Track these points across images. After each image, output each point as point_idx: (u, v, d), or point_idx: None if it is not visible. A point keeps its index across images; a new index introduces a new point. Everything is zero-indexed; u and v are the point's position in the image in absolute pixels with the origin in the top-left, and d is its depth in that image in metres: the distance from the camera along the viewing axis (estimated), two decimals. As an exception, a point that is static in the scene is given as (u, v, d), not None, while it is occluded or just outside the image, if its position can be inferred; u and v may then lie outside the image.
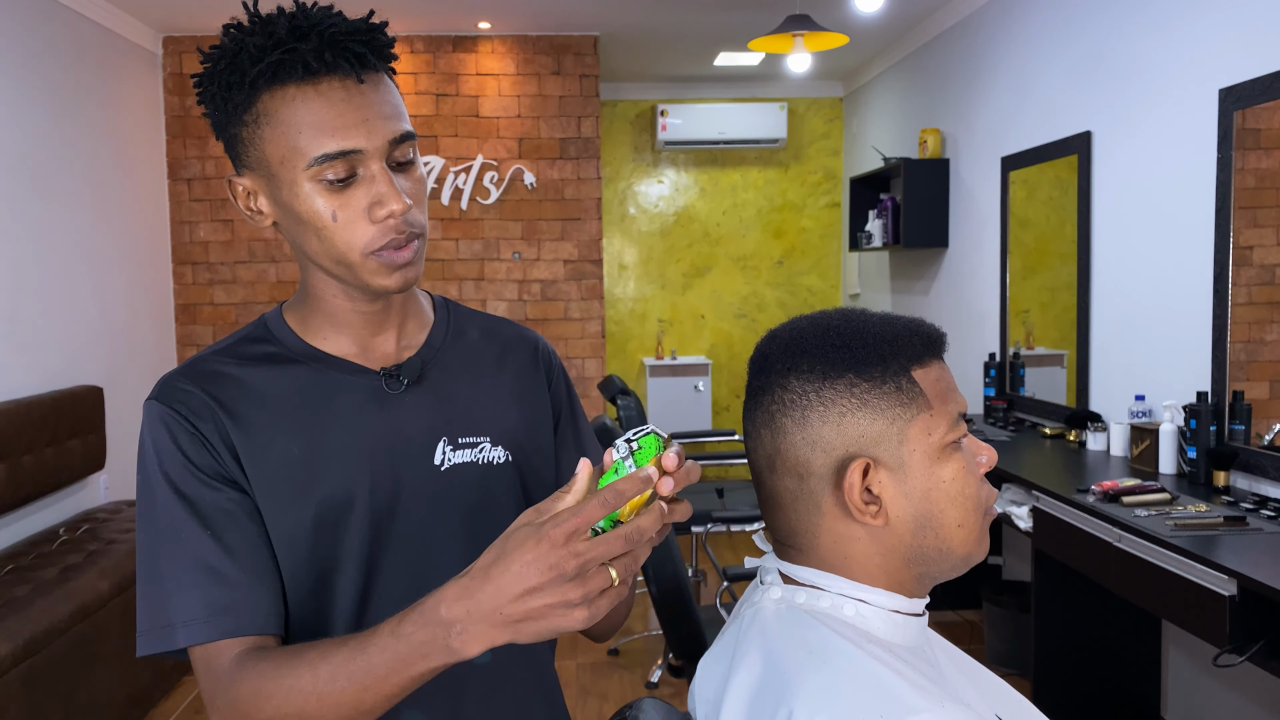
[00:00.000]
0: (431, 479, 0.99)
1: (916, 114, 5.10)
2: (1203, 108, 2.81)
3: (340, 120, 0.89)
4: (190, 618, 0.88)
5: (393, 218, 0.91)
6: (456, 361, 1.06)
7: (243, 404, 0.95)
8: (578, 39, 5.05)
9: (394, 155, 0.92)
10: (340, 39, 0.89)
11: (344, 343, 1.01)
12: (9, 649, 2.50)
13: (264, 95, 0.90)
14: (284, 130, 0.90)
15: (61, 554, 3.23)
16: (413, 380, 1.01)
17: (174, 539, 0.90)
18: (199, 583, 0.89)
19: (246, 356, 0.99)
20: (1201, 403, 2.68)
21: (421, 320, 1.06)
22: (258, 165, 0.94)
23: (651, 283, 6.41)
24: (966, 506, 0.85)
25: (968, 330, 4.46)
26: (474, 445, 1.02)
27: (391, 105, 0.93)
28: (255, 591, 0.90)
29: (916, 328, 0.86)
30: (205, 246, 4.99)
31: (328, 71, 0.89)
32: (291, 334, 1.01)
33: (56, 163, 3.92)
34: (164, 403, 0.94)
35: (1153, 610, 2.28)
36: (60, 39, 3.99)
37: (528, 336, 1.14)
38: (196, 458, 0.92)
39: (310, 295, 1.01)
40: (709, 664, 0.92)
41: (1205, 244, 2.80)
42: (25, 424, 3.39)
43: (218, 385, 0.96)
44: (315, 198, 0.91)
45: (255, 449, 0.94)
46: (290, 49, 0.89)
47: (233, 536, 0.91)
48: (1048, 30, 3.72)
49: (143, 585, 0.91)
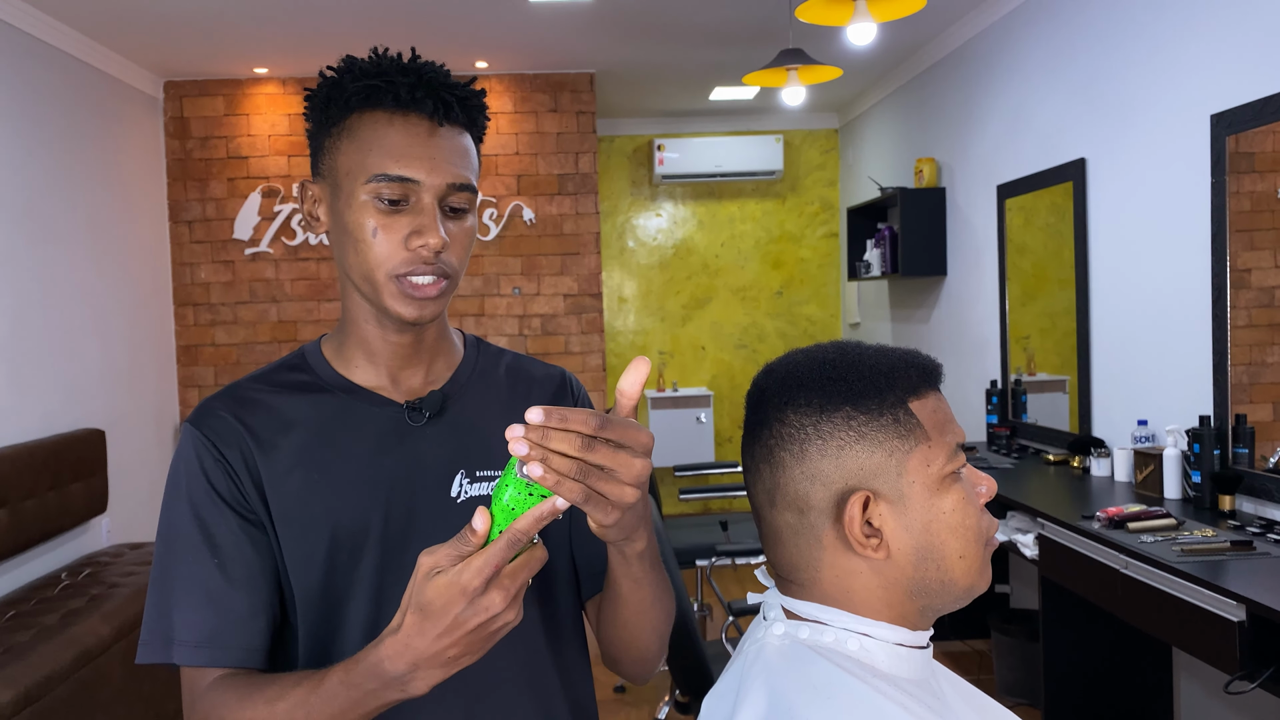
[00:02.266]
0: (447, 510, 1.02)
1: (912, 144, 5.14)
2: (1195, 133, 2.83)
3: (409, 150, 0.97)
4: (186, 639, 0.95)
5: (426, 249, 0.96)
6: (480, 397, 1.09)
7: (271, 431, 1.01)
8: (574, 76, 5.10)
9: (449, 200, 0.98)
10: (436, 85, 0.98)
11: (374, 373, 1.05)
12: (11, 695, 2.48)
13: (355, 114, 0.99)
14: (359, 146, 0.98)
15: (63, 599, 3.21)
16: (434, 413, 1.04)
17: (186, 560, 0.97)
18: (199, 608, 0.96)
19: (280, 384, 1.05)
20: (1204, 426, 2.67)
21: (451, 358, 1.10)
22: (329, 174, 1.01)
23: (651, 315, 6.42)
24: (968, 537, 0.84)
25: (968, 358, 4.47)
26: (491, 479, 1.04)
27: (461, 156, 0.99)
28: (248, 627, 0.97)
29: (912, 359, 0.87)
30: (206, 288, 5.02)
31: (415, 108, 0.97)
32: (325, 364, 1.06)
33: (59, 206, 3.95)
34: (197, 427, 1.01)
35: (1162, 637, 2.26)
36: (62, 85, 4.04)
37: (554, 373, 1.17)
38: (219, 484, 0.99)
39: (347, 323, 1.06)
40: (714, 701, 0.91)
41: (1202, 267, 2.81)
42: (27, 468, 3.39)
43: (250, 412, 1.02)
44: (365, 211, 0.97)
45: (278, 475, 1.00)
46: (389, 79, 0.97)
47: (238, 568, 0.97)
48: (1041, 59, 3.76)
49: (152, 596, 0.98)
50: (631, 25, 4.30)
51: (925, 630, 0.87)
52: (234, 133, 5.00)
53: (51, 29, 3.90)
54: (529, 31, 4.36)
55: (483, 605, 0.77)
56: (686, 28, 4.35)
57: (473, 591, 0.76)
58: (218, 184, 5.00)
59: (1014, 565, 4.02)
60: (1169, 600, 2.18)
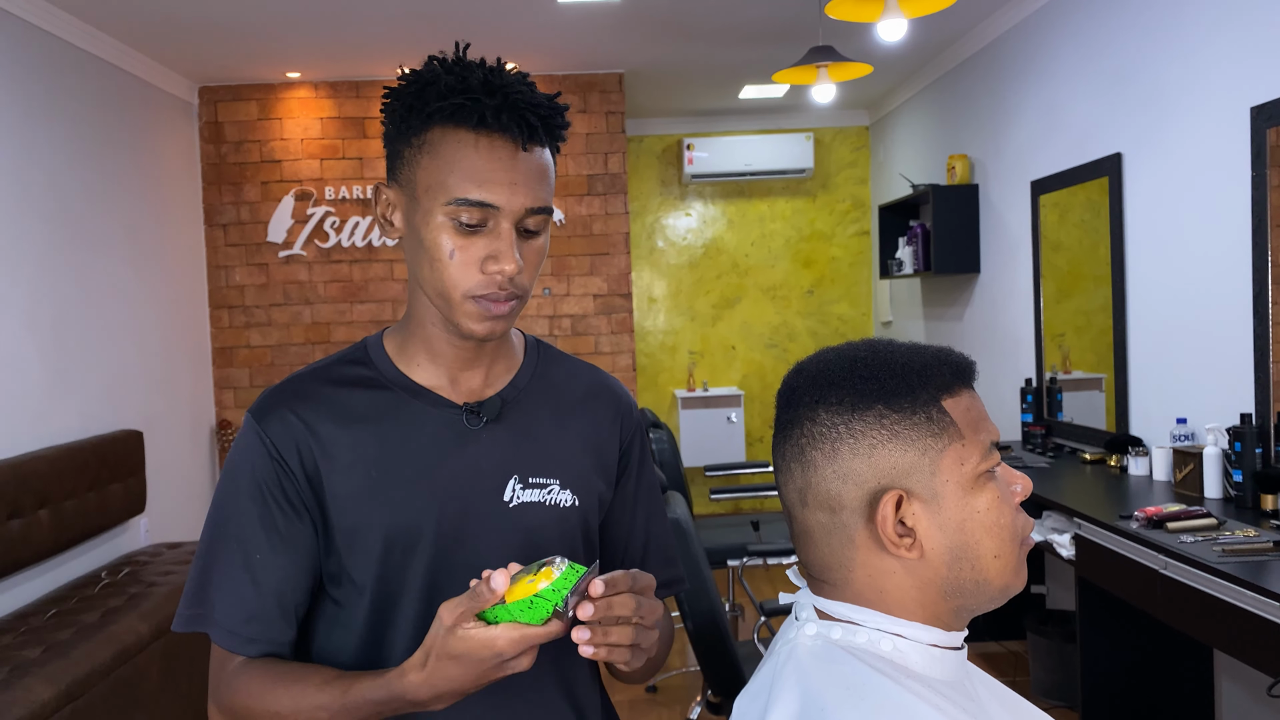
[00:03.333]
0: (499, 514, 1.04)
1: (944, 140, 5.10)
2: (1234, 126, 2.78)
3: (491, 175, 0.97)
4: (221, 621, 1.00)
5: (501, 275, 0.98)
6: (537, 403, 1.10)
7: (329, 427, 1.03)
8: (603, 77, 5.11)
9: (525, 222, 0.99)
10: (521, 107, 0.97)
11: (435, 373, 1.07)
12: (52, 693, 2.52)
13: (437, 128, 0.98)
14: (440, 165, 0.97)
15: (103, 597, 3.26)
16: (492, 418, 1.06)
17: (233, 544, 1.01)
18: (239, 594, 1.00)
19: (341, 379, 1.06)
20: (1245, 425, 2.62)
21: (511, 360, 1.12)
22: (406, 184, 1.01)
23: (681, 315, 6.41)
24: (1002, 537, 0.83)
25: (1003, 356, 4.42)
26: (543, 486, 1.07)
27: (540, 179, 1.00)
28: (280, 622, 1.01)
29: (945, 357, 0.85)
30: (241, 290, 5.08)
31: (500, 130, 0.97)
32: (387, 360, 1.08)
33: (96, 211, 4.01)
34: (257, 419, 1.03)
35: (1203, 639, 2.23)
36: (100, 91, 4.10)
37: (612, 389, 1.18)
38: (271, 479, 1.02)
39: (412, 320, 1.07)
40: (745, 701, 0.90)
41: (1243, 262, 2.76)
42: (68, 469, 3.45)
43: (310, 407, 1.04)
44: (443, 232, 0.98)
45: (335, 472, 1.02)
46: (475, 99, 0.96)
47: (278, 562, 1.01)
48: (1074, 53, 3.71)
49: (195, 571, 1.03)
50: (660, 25, 4.30)
51: (960, 631, 0.86)
52: (267, 137, 5.06)
53: (89, 36, 3.97)
54: (557, 32, 4.37)
55: (510, 666, 0.87)
56: (715, 26, 4.34)
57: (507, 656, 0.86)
58: (251, 188, 5.06)
59: (1050, 565, 3.98)
60: (1210, 602, 2.15)
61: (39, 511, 3.28)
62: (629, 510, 1.17)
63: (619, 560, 1.17)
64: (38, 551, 3.26)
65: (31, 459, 3.28)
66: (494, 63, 1.01)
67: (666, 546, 1.21)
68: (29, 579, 3.40)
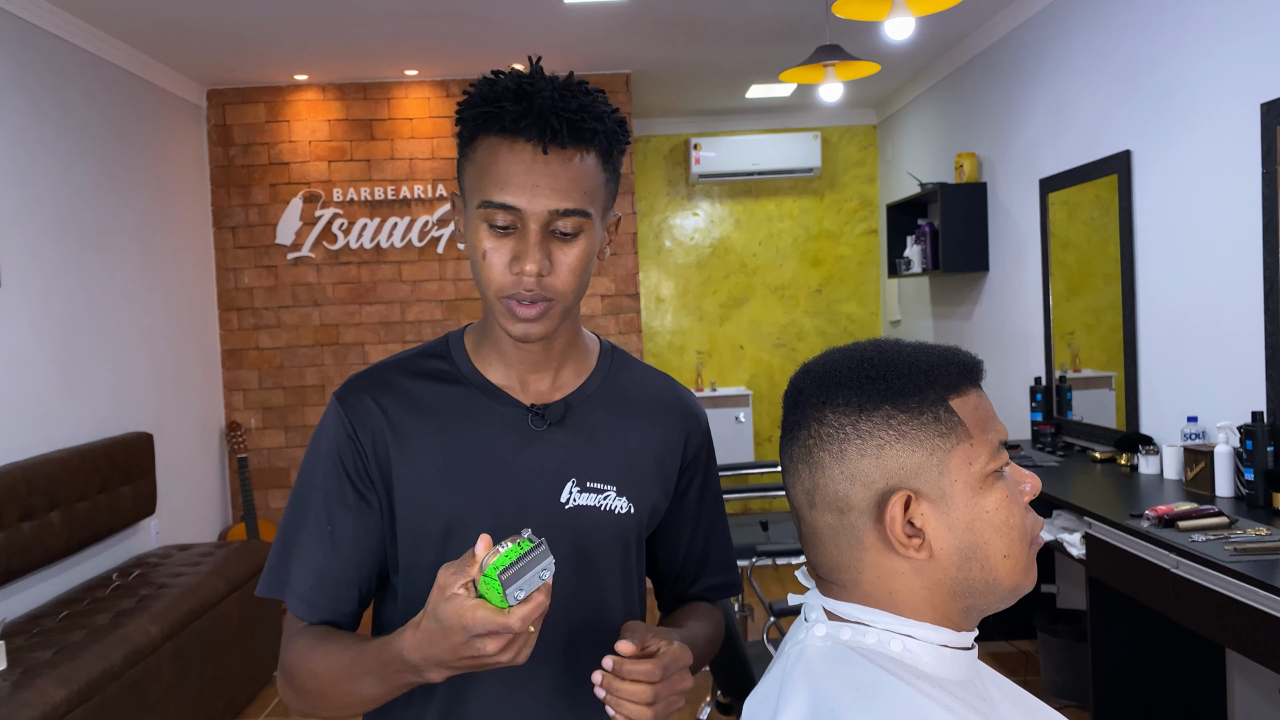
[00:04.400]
0: (554, 515, 1.08)
1: (952, 138, 5.08)
2: (1245, 123, 2.76)
3: (513, 179, 1.00)
4: (298, 590, 1.08)
5: (525, 275, 1.01)
6: (603, 409, 1.14)
7: (405, 416, 1.09)
8: (610, 76, 5.11)
9: (557, 224, 1.02)
10: (544, 111, 1.00)
11: (505, 373, 1.12)
12: (64, 694, 2.53)
13: (480, 137, 1.04)
14: (477, 170, 1.03)
15: (115, 599, 3.27)
16: (555, 421, 1.10)
17: (308, 522, 1.09)
18: (312, 563, 1.08)
19: (421, 371, 1.13)
20: (1257, 423, 2.61)
21: (581, 365, 1.15)
22: (462, 191, 1.08)
23: (689, 315, 6.41)
24: (1012, 536, 0.83)
25: (1012, 354, 4.40)
26: (600, 492, 1.10)
27: (568, 181, 1.01)
28: (342, 593, 1.09)
29: (952, 356, 0.85)
30: (250, 292, 5.09)
31: (522, 134, 1.00)
32: (465, 356, 1.13)
33: (106, 214, 4.03)
34: (340, 403, 1.10)
35: (1215, 638, 2.21)
36: (109, 95, 4.12)
37: (681, 400, 1.20)
38: (348, 460, 1.08)
39: (487, 323, 1.12)
40: (755, 702, 0.90)
41: (1254, 260, 2.75)
42: (79, 471, 3.46)
43: (388, 395, 1.10)
44: (479, 233, 1.03)
45: (405, 459, 1.08)
46: (500, 105, 1.01)
47: (346, 539, 1.08)
48: (1083, 50, 3.70)
49: (276, 540, 1.11)
50: (666, 24, 4.30)
51: (970, 631, 0.86)
52: (275, 139, 5.07)
53: (98, 41, 3.98)
54: (564, 32, 4.37)
55: (476, 646, 0.87)
56: (722, 26, 4.33)
57: (472, 632, 0.86)
58: (260, 190, 5.07)
59: (1060, 565, 3.96)
60: (1222, 601, 2.13)
61: (50, 513, 3.29)
62: (691, 519, 1.21)
63: (676, 565, 1.22)
64: (49, 553, 3.28)
65: (42, 461, 3.29)
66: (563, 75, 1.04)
67: (725, 554, 1.25)
68: (40, 581, 3.42)
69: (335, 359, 5.11)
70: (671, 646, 0.97)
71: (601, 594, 1.12)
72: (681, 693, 0.97)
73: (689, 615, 1.20)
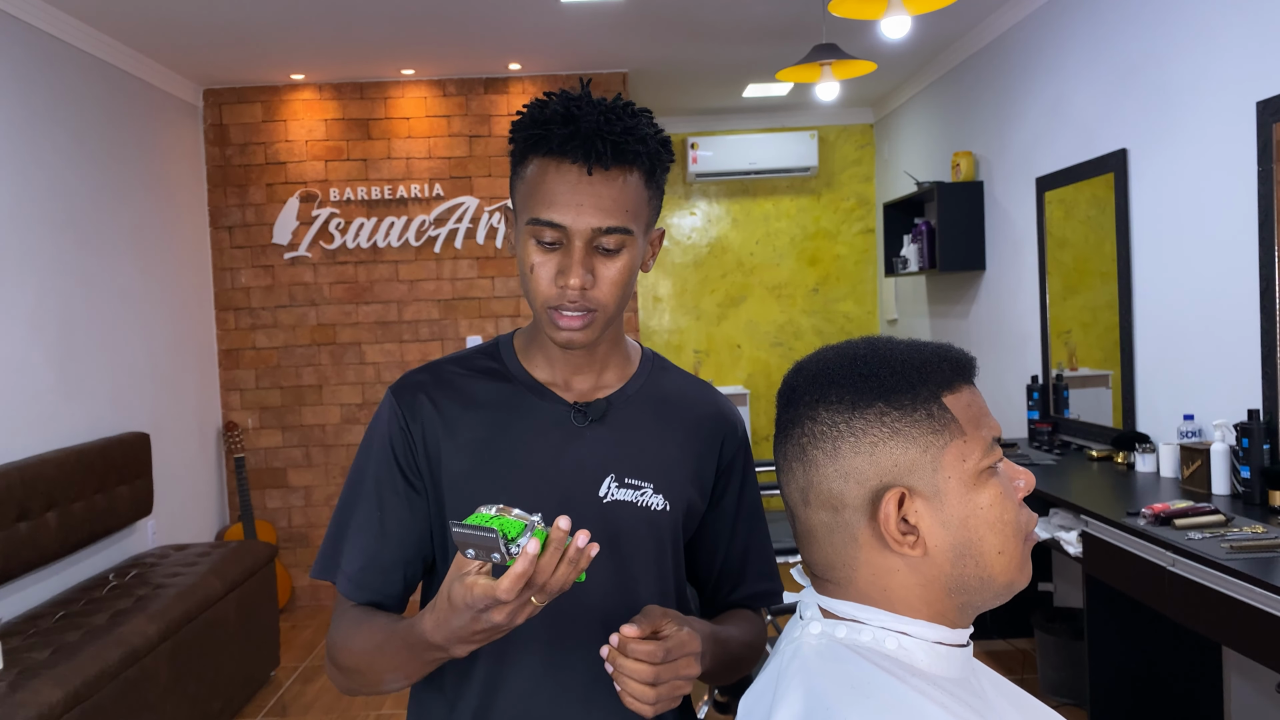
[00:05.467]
0: (593, 508, 1.13)
1: (948, 137, 5.09)
2: (1240, 121, 2.77)
3: (558, 198, 1.06)
4: (347, 571, 1.14)
5: (569, 289, 1.06)
6: (642, 411, 1.19)
7: (457, 410, 1.16)
8: (606, 76, 5.11)
9: (601, 241, 1.07)
10: (589, 135, 1.05)
11: (550, 373, 1.18)
12: (60, 695, 2.53)
13: (531, 157, 1.09)
14: (527, 188, 1.09)
15: (111, 599, 3.27)
16: (596, 418, 1.16)
17: (360, 508, 1.15)
18: (363, 545, 1.14)
19: (474, 368, 1.20)
20: (1253, 420, 2.61)
21: (623, 369, 1.21)
22: (514, 204, 1.14)
23: (687, 314, 6.41)
24: (1006, 533, 0.83)
25: (1009, 353, 4.41)
26: (638, 488, 1.15)
27: (611, 200, 1.07)
28: (388, 576, 1.15)
29: (945, 353, 0.85)
30: (247, 292, 5.08)
31: (569, 156, 1.06)
32: (514, 356, 1.20)
33: (103, 214, 4.02)
34: (396, 395, 1.17)
35: (1211, 636, 2.22)
36: (105, 94, 4.11)
37: (719, 408, 1.25)
38: (400, 450, 1.15)
39: (534, 326, 1.19)
40: (751, 701, 0.90)
41: (1250, 258, 2.75)
42: (75, 471, 3.46)
43: (444, 391, 1.17)
44: (527, 248, 1.09)
45: (454, 450, 1.14)
46: (549, 129, 1.06)
47: (394, 525, 1.14)
48: (1079, 49, 3.70)
49: (331, 525, 1.18)
50: (663, 24, 4.30)
51: (965, 628, 0.86)
52: (272, 139, 5.07)
53: (94, 40, 3.98)
54: (561, 32, 4.37)
55: (483, 619, 0.91)
56: (719, 25, 4.33)
57: (475, 608, 0.90)
58: (257, 189, 5.07)
59: (1057, 563, 3.96)
60: (1218, 598, 2.14)
61: (46, 514, 3.29)
62: (729, 525, 1.25)
63: (715, 571, 1.26)
64: (45, 554, 3.27)
65: (39, 462, 3.29)
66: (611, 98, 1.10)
67: (766, 560, 1.29)
68: (37, 581, 3.41)
69: (332, 358, 5.11)
70: (679, 631, 1.00)
71: (636, 587, 1.15)
72: (687, 678, 1.00)
73: (727, 619, 1.24)
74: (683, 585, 1.23)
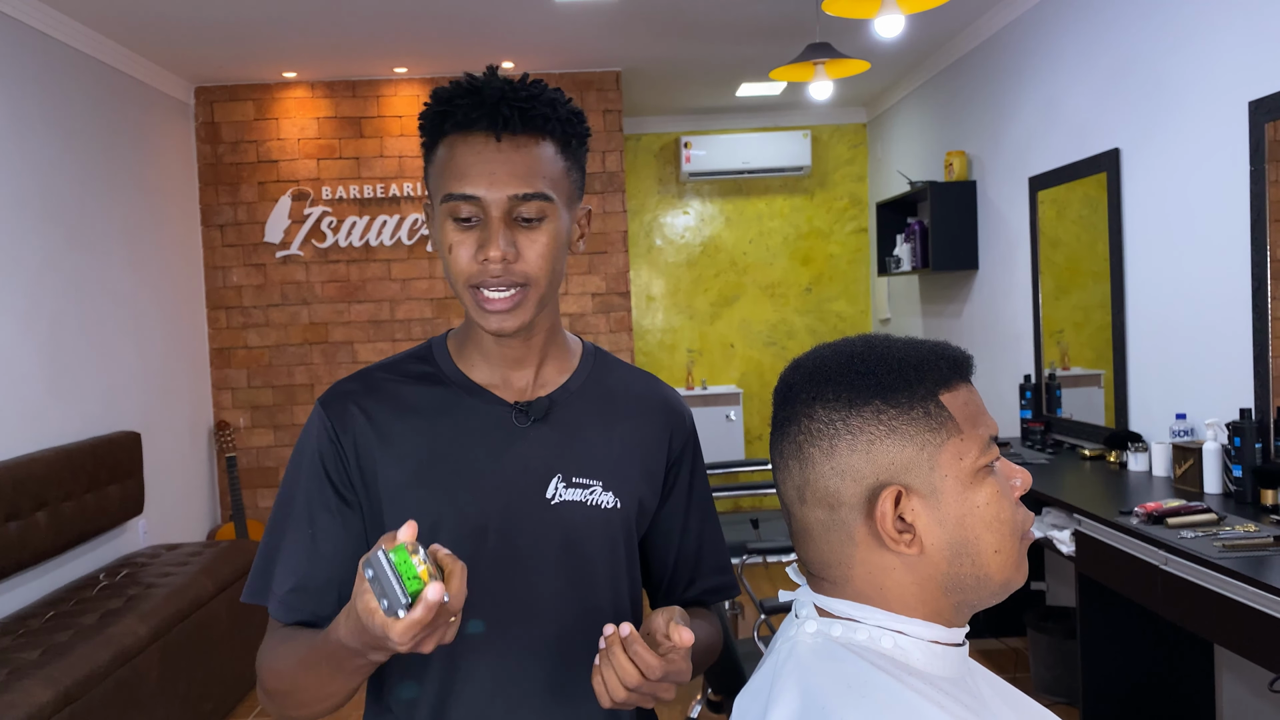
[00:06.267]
0: (541, 511, 1.09)
1: (941, 137, 5.09)
2: (1232, 121, 2.77)
3: (470, 169, 1.02)
4: (278, 593, 1.08)
5: (490, 262, 1.02)
6: (586, 407, 1.14)
7: (390, 419, 1.10)
8: (600, 75, 5.10)
9: (520, 210, 1.03)
10: (493, 102, 1.03)
11: (489, 372, 1.13)
12: (51, 695, 2.52)
13: (439, 141, 1.06)
14: (437, 170, 1.06)
15: (102, 599, 3.25)
16: (539, 417, 1.11)
17: (292, 520, 1.09)
18: (292, 566, 1.08)
19: (406, 373, 1.14)
20: (1245, 419, 2.62)
21: (564, 364, 1.16)
22: (429, 193, 1.10)
23: (680, 313, 6.41)
24: (1002, 531, 0.83)
25: (1002, 352, 4.41)
26: (586, 487, 1.11)
27: (525, 167, 1.03)
28: (321, 596, 1.08)
29: (942, 351, 0.85)
30: (238, 291, 5.07)
31: (474, 127, 1.03)
32: (448, 358, 1.14)
33: (94, 212, 4.00)
34: (324, 407, 1.11)
35: (1204, 634, 2.22)
36: (96, 92, 4.09)
37: (666, 400, 1.21)
38: (330, 465, 1.09)
39: (468, 323, 1.13)
40: (746, 700, 0.90)
41: (1241, 258, 2.76)
42: (66, 471, 3.44)
43: (376, 399, 1.11)
44: (444, 229, 1.05)
45: (390, 461, 1.08)
46: (452, 104, 1.04)
47: (327, 543, 1.08)
48: (1072, 48, 3.71)
49: (262, 545, 1.11)
50: (657, 22, 4.29)
51: (961, 627, 0.86)
52: (264, 137, 5.05)
53: (85, 37, 3.96)
54: (554, 30, 4.36)
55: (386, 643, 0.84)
56: (712, 24, 4.33)
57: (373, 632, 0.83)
58: (248, 188, 5.05)
59: (1050, 562, 3.97)
60: (1211, 597, 2.14)
61: (37, 513, 3.27)
62: (680, 518, 1.21)
63: (669, 568, 1.22)
64: (36, 553, 3.25)
65: (29, 461, 3.27)
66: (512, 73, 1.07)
67: (719, 553, 1.26)
68: (27, 581, 3.39)
69: (324, 357, 5.09)
70: (682, 663, 0.97)
71: (591, 591, 1.11)
72: (661, 700, 0.97)
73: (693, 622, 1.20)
74: (638, 586, 1.19)
